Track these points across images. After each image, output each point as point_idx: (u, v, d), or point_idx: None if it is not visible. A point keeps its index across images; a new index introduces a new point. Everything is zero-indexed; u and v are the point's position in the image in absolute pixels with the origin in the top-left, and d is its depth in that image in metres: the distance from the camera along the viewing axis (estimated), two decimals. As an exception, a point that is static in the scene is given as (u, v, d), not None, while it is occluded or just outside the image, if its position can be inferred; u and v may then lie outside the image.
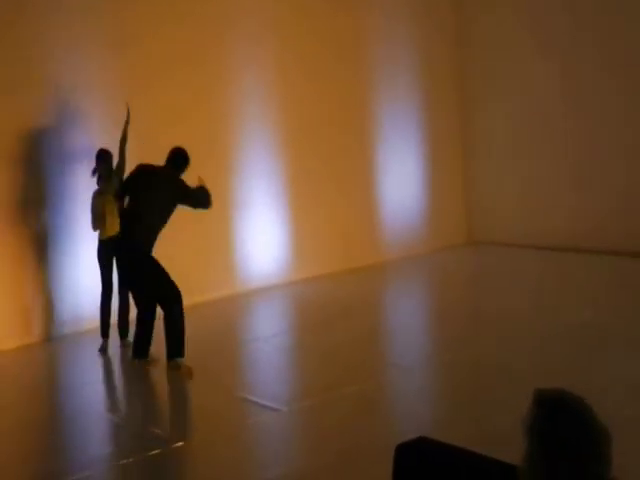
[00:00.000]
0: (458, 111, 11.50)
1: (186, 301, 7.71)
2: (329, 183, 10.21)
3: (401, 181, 10.93)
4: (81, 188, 8.06)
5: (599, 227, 10.01)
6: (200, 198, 7.01)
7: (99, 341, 7.42)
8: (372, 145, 10.70)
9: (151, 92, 8.61)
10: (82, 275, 8.22)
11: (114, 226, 7.24)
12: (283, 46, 9.76)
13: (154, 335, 6.88)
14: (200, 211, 7.15)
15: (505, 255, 10.61)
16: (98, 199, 7.49)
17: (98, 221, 7.49)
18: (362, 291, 9.33)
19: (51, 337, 8.07)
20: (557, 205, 10.48)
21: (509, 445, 2.57)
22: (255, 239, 9.52)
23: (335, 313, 8.36)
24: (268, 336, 7.77)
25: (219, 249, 9.26)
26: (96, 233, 7.54)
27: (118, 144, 7.45)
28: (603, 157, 10.05)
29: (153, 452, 5.23)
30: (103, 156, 7.54)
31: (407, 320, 8.26)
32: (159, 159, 7.13)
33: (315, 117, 10.07)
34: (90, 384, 6.76)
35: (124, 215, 6.99)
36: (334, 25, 10.20)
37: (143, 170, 6.98)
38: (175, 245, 8.75)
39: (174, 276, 7.54)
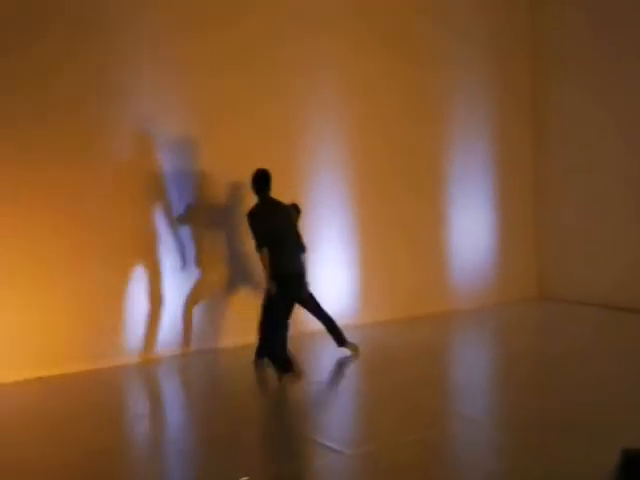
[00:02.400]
0: (532, 166, 11.51)
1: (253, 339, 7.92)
2: (400, 231, 10.28)
3: (472, 233, 10.94)
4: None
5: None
6: None
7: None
8: (444, 196, 10.75)
9: (220, 136, 8.96)
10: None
11: None
12: (359, 96, 9.98)
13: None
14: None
15: (574, 312, 10.53)
16: None
17: None
18: (428, 338, 9.35)
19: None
20: (631, 265, 10.36)
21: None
22: (325, 282, 9.60)
23: (400, 358, 8.42)
24: (335, 378, 7.81)
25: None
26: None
27: None
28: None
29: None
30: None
31: (471, 370, 8.23)
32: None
33: (388, 167, 10.21)
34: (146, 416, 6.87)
35: None
36: (409, 80, 10.38)
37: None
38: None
39: (238, 315, 7.86)
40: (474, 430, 6.24)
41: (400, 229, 10.30)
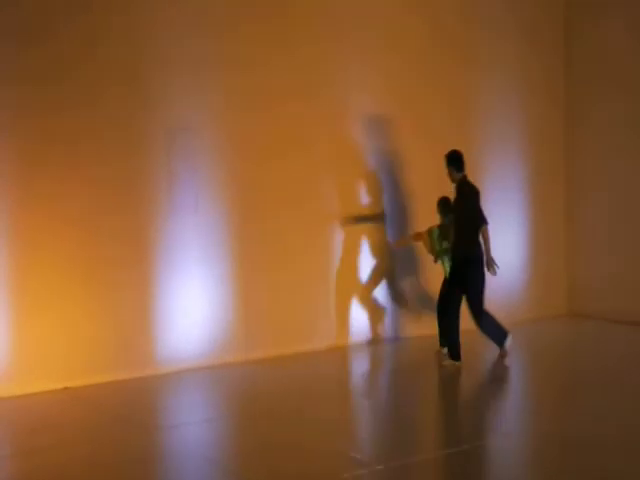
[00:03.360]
0: (564, 182, 11.47)
1: (286, 350, 7.92)
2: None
3: (503, 249, 10.83)
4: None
5: None
6: None
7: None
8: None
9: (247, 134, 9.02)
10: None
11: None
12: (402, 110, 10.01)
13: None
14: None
15: (605, 330, 10.46)
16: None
17: None
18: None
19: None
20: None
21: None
22: (356, 297, 9.70)
23: (432, 375, 8.45)
24: (367, 391, 7.83)
25: (322, 301, 9.48)
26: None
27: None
28: None
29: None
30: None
31: (505, 386, 8.24)
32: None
33: (415, 180, 10.17)
34: (185, 425, 6.90)
35: None
36: (445, 85, 10.42)
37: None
38: (279, 295, 9.00)
39: (278, 323, 7.97)
40: (509, 446, 6.21)
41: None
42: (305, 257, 9.33)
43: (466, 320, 8.54)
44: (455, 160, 8.43)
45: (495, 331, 8.59)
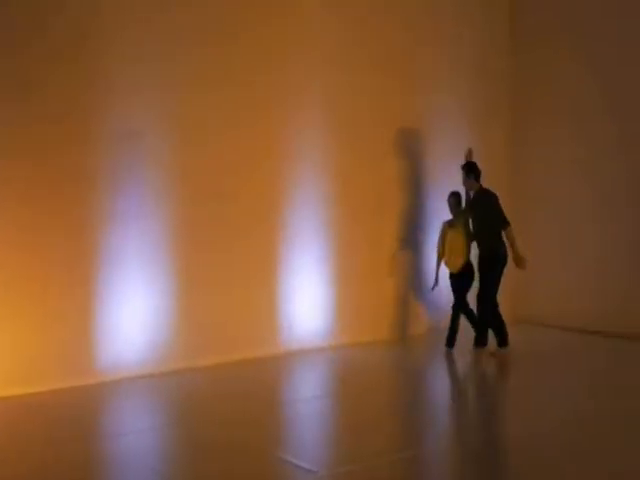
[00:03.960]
0: (506, 189, 11.55)
1: (229, 357, 7.79)
2: (366, 249, 10.24)
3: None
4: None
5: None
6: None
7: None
8: (415, 219, 10.74)
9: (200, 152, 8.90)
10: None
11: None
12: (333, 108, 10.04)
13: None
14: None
15: (547, 337, 10.61)
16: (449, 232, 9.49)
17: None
18: (401, 360, 9.45)
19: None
20: (608, 288, 10.53)
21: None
22: (301, 301, 9.63)
23: (377, 379, 8.45)
24: (309, 397, 7.76)
25: (265, 308, 9.36)
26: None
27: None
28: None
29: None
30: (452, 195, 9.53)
31: (443, 392, 8.29)
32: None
33: (363, 181, 10.20)
34: (129, 434, 6.76)
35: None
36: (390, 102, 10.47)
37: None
38: (222, 302, 8.89)
39: (217, 330, 7.75)
40: (459, 449, 6.24)
41: (366, 248, 10.26)
42: (249, 264, 9.22)
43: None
44: (474, 170, 9.26)
45: (483, 328, 9.19)
